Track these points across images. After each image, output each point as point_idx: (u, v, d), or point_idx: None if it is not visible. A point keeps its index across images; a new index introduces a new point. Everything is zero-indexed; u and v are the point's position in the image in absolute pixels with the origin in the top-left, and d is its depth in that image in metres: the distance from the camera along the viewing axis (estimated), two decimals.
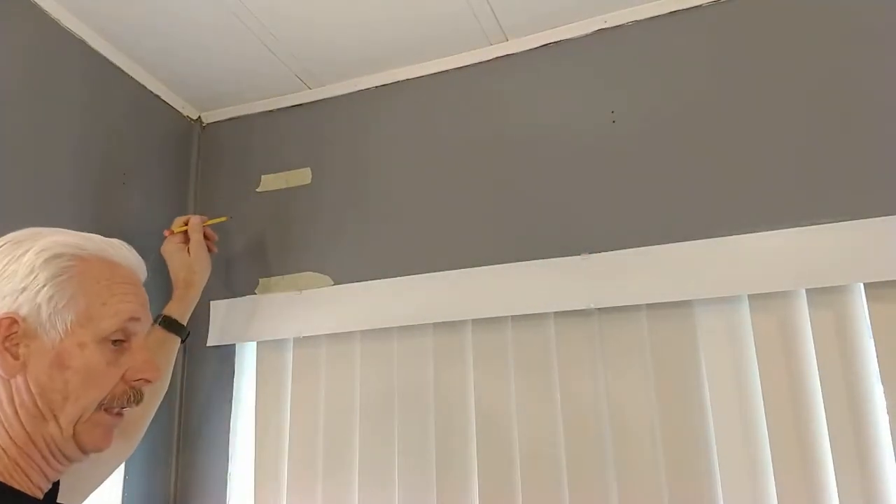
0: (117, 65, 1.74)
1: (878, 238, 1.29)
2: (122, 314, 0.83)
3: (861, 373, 1.29)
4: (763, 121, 1.46)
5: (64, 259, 0.81)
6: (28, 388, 0.78)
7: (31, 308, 0.78)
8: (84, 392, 0.79)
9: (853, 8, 1.44)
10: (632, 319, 1.47)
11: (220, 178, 1.97)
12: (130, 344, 0.85)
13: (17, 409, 0.78)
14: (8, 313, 0.77)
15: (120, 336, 0.83)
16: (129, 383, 0.84)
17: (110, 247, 0.88)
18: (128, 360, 0.84)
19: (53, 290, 0.79)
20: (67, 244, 0.83)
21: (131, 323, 0.84)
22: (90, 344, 0.80)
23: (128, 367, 0.84)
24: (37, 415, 0.78)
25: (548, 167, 1.62)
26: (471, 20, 1.65)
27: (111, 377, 0.82)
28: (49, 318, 0.78)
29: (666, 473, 1.38)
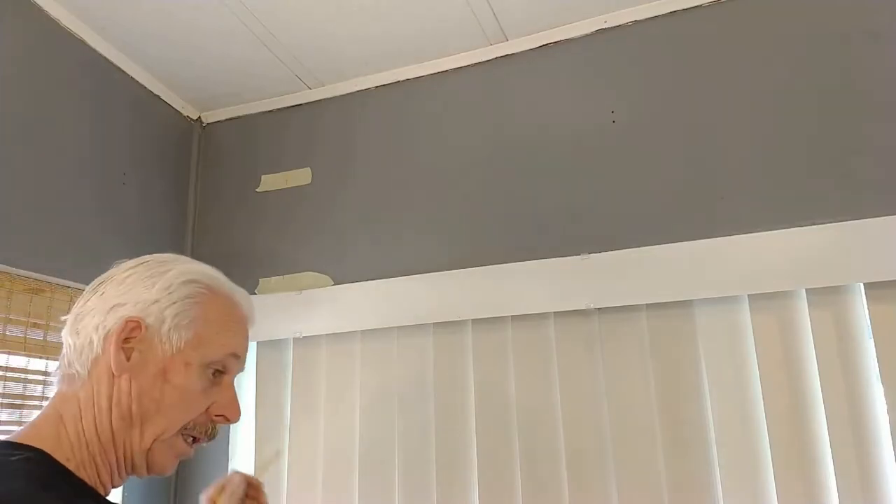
0: (117, 65, 1.74)
1: (878, 238, 1.29)
2: (228, 347, 0.87)
3: (861, 372, 1.29)
4: (763, 121, 1.46)
5: (199, 286, 0.87)
6: (129, 390, 0.82)
7: (156, 319, 0.83)
8: (175, 409, 0.83)
9: (853, 9, 1.44)
10: (632, 319, 1.47)
11: (220, 178, 1.97)
12: (223, 381, 0.88)
13: (112, 406, 0.81)
14: (135, 317, 0.82)
15: (220, 368, 0.87)
16: (210, 416, 0.87)
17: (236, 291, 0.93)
18: (217, 394, 0.87)
19: (181, 309, 0.84)
20: (205, 274, 0.89)
21: (232, 359, 0.88)
22: (195, 366, 0.84)
23: (214, 402, 0.87)
24: (127, 417, 0.82)
25: (548, 167, 1.62)
26: (471, 20, 1.65)
27: (200, 403, 0.85)
28: (168, 333, 0.83)
29: (666, 472, 1.38)
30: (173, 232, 1.90)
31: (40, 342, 1.52)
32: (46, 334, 1.53)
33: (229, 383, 0.89)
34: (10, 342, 1.45)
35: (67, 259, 1.55)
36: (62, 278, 1.54)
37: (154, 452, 0.83)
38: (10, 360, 1.50)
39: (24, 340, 1.48)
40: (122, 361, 0.81)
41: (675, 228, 1.47)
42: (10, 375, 1.49)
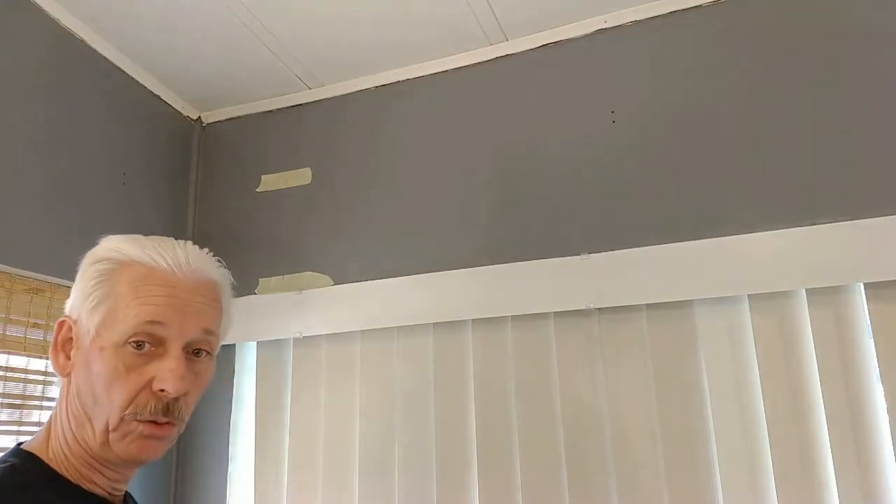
0: (118, 65, 1.74)
1: (878, 238, 1.29)
2: (140, 317, 0.78)
3: (861, 372, 1.29)
4: (763, 121, 1.46)
5: (105, 263, 0.82)
6: (73, 389, 0.81)
7: (79, 313, 0.81)
8: (105, 396, 0.78)
9: (853, 9, 1.44)
10: (631, 319, 1.47)
11: (220, 178, 1.98)
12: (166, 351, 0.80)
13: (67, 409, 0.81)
14: (66, 316, 0.82)
15: (143, 339, 0.78)
16: (153, 392, 0.79)
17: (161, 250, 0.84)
18: (156, 366, 0.79)
19: (90, 293, 0.80)
20: (114, 249, 0.84)
21: (153, 327, 0.78)
22: (109, 348, 0.78)
23: (154, 376, 0.79)
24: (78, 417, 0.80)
25: (548, 167, 1.62)
26: (471, 20, 1.65)
27: (132, 383, 0.78)
28: (85, 323, 0.80)
29: (666, 473, 1.38)
30: (173, 232, 1.90)
31: (40, 342, 1.52)
32: (46, 334, 1.53)
33: (171, 354, 0.80)
34: (10, 342, 1.45)
35: (67, 259, 1.54)
36: (62, 278, 1.54)
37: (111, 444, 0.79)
38: (10, 360, 1.50)
39: (24, 340, 1.48)
40: (63, 362, 0.81)
41: (675, 228, 1.47)
42: (10, 375, 1.49)
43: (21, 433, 1.51)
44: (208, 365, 0.87)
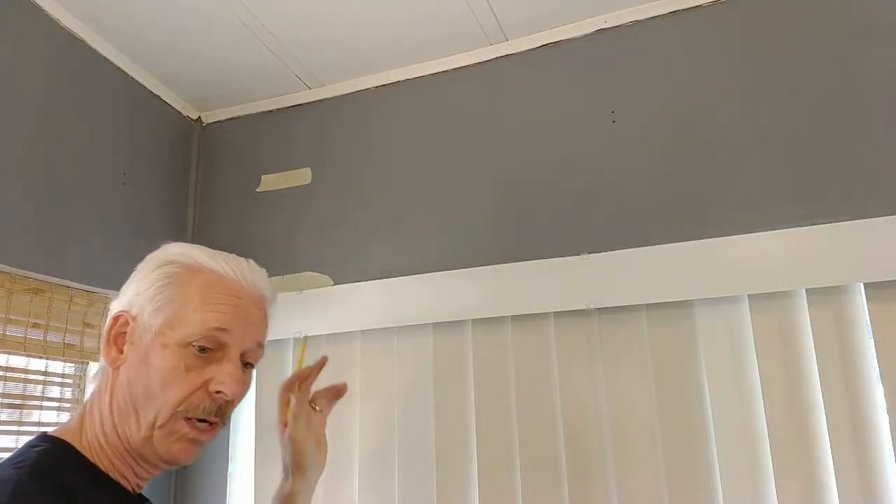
0: (117, 65, 1.74)
1: (878, 238, 1.29)
2: (207, 323, 0.83)
3: (861, 372, 1.29)
4: (763, 121, 1.46)
5: (173, 266, 0.87)
6: (122, 381, 0.83)
7: (138, 309, 0.84)
8: (160, 392, 0.81)
9: (853, 9, 1.44)
10: (631, 319, 1.47)
11: (220, 178, 1.97)
12: (224, 356, 0.85)
13: (111, 400, 0.83)
14: (122, 311, 0.85)
15: (207, 344, 0.83)
16: (209, 394, 0.83)
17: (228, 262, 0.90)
18: (213, 370, 0.84)
19: (155, 293, 0.84)
20: (182, 254, 0.88)
21: (219, 333, 0.84)
22: (172, 346, 0.82)
23: (212, 377, 0.83)
24: (122, 408, 0.82)
25: (548, 167, 1.62)
26: (471, 20, 1.65)
27: (189, 382, 0.82)
28: (147, 319, 0.83)
29: (666, 473, 1.38)
30: (173, 232, 1.90)
31: (40, 342, 1.52)
32: (46, 334, 1.53)
33: (230, 359, 0.85)
34: (9, 342, 1.45)
35: (67, 259, 1.55)
36: (62, 278, 1.54)
37: (155, 440, 0.82)
38: (10, 361, 1.50)
39: (24, 340, 1.48)
40: (114, 355, 0.84)
41: (675, 228, 1.47)
42: (9, 375, 1.49)
43: (21, 433, 1.51)
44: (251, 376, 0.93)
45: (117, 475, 0.82)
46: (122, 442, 0.82)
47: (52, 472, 0.76)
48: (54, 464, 0.78)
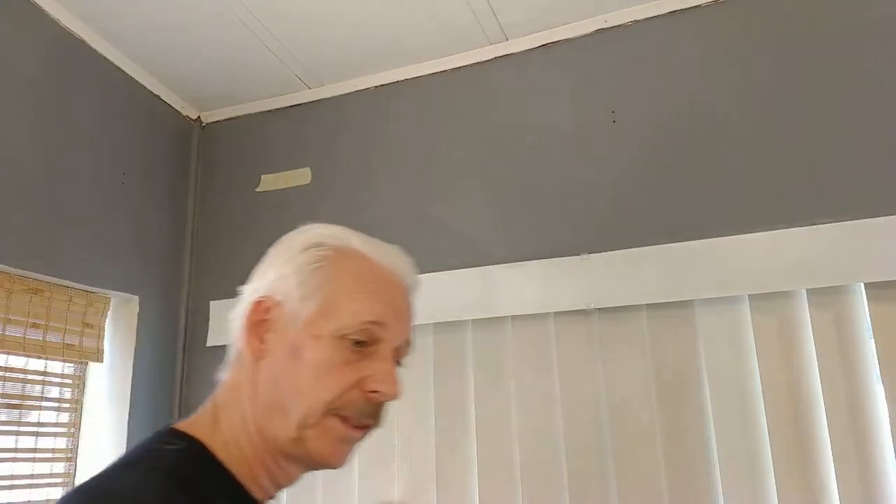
0: (117, 65, 1.74)
1: (879, 238, 1.29)
2: (364, 315, 0.75)
3: (861, 373, 1.29)
4: (763, 121, 1.46)
5: (322, 248, 0.79)
6: (266, 376, 0.75)
7: (284, 295, 0.76)
8: (313, 387, 0.72)
9: (853, 9, 1.43)
10: (631, 319, 1.47)
11: (219, 178, 1.97)
12: (377, 351, 0.76)
13: (254, 395, 0.75)
14: (264, 296, 0.77)
15: (362, 338, 0.74)
16: (364, 393, 0.75)
17: (381, 248, 0.82)
18: (368, 366, 0.75)
19: (304, 278, 0.76)
20: (332, 236, 0.80)
21: (375, 327, 0.75)
22: (326, 338, 0.73)
23: (366, 375, 0.75)
24: (268, 405, 0.74)
25: (548, 167, 1.62)
26: (471, 20, 1.64)
27: (344, 378, 0.73)
28: (295, 306, 0.75)
29: (666, 473, 1.37)
30: (173, 231, 1.90)
31: (39, 342, 1.51)
32: (45, 334, 1.53)
33: (385, 355, 0.76)
34: (8, 342, 1.45)
35: (67, 259, 1.55)
36: (61, 278, 1.54)
37: (306, 441, 0.73)
38: (9, 361, 1.50)
39: (23, 340, 1.48)
40: (256, 345, 0.75)
41: (675, 228, 1.47)
42: (8, 375, 1.49)
43: (21, 433, 1.51)
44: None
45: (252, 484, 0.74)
46: (266, 440, 0.73)
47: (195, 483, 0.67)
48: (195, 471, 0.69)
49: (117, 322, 1.72)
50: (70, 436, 1.63)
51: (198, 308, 1.85)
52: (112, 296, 1.70)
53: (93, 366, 1.69)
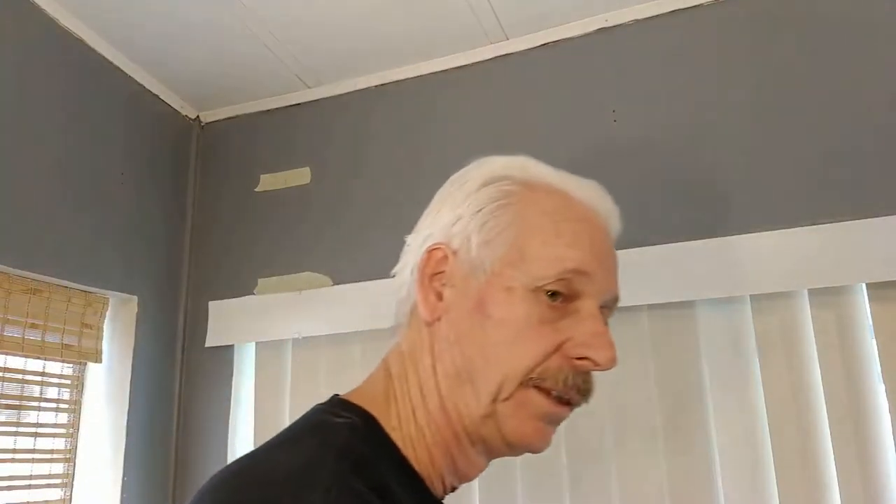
0: (116, 64, 1.74)
1: (880, 238, 1.29)
2: (565, 262, 0.62)
3: (863, 373, 1.29)
4: (763, 121, 1.46)
5: (507, 182, 0.66)
6: (448, 336, 0.62)
7: (462, 241, 0.63)
8: (506, 352, 0.60)
9: (853, 9, 1.43)
10: (632, 319, 1.46)
11: (219, 178, 1.97)
12: (578, 309, 0.63)
13: (435, 362, 0.63)
14: (438, 244, 0.65)
15: (561, 289, 0.62)
16: (568, 360, 0.62)
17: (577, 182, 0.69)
18: (571, 326, 0.62)
19: (486, 218, 0.63)
20: (519, 167, 0.68)
21: (577, 277, 0.62)
22: (519, 290, 0.61)
23: (569, 337, 0.62)
24: (452, 374, 0.61)
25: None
26: (471, 19, 1.64)
27: (544, 340, 0.61)
28: (478, 254, 0.62)
29: (667, 473, 1.37)
30: (171, 231, 1.89)
31: (38, 343, 1.51)
32: (44, 335, 1.52)
33: (592, 312, 0.64)
34: (7, 343, 1.44)
35: (65, 259, 1.54)
36: (60, 278, 1.53)
37: (500, 418, 0.61)
38: (8, 361, 1.49)
39: (22, 341, 1.48)
40: (433, 303, 0.63)
41: (676, 228, 1.46)
42: (7, 376, 1.49)
43: (19, 434, 1.50)
44: None
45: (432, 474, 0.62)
46: (451, 420, 0.62)
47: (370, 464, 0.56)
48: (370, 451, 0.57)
49: (116, 322, 1.72)
50: (69, 436, 1.62)
51: (197, 308, 1.85)
52: (111, 296, 1.70)
53: (91, 366, 1.68)
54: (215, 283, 1.85)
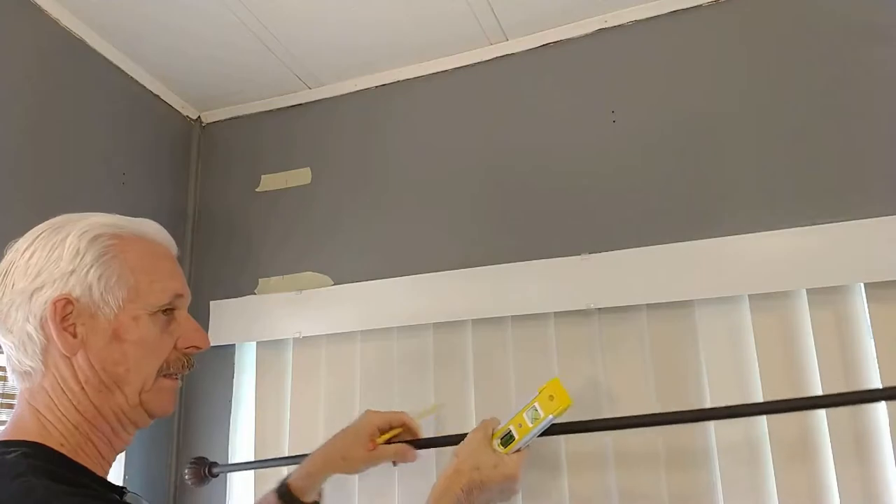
0: (117, 64, 1.74)
1: (879, 238, 1.29)
2: (170, 291, 0.88)
3: (862, 373, 1.29)
4: (763, 120, 1.46)
5: (105, 238, 0.85)
6: (90, 364, 0.82)
7: (82, 288, 0.82)
8: (144, 362, 0.84)
9: (854, 9, 1.43)
10: (632, 319, 1.47)
11: (219, 178, 1.97)
12: (177, 316, 0.90)
13: (83, 385, 0.81)
14: (61, 295, 0.81)
15: (170, 306, 0.88)
16: (181, 351, 0.90)
17: (143, 225, 0.92)
18: (177, 329, 0.89)
19: (102, 270, 0.83)
20: (105, 224, 0.87)
21: (178, 298, 0.90)
22: (144, 317, 0.84)
23: (179, 336, 0.89)
24: (102, 388, 0.82)
25: (548, 167, 1.62)
26: (471, 20, 1.65)
27: (165, 345, 0.87)
28: (102, 296, 0.82)
29: (666, 474, 1.37)
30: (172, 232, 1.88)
31: None
32: None
33: (185, 316, 0.92)
34: None
35: None
36: None
37: (148, 403, 0.86)
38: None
39: None
40: (70, 341, 0.81)
41: (675, 228, 1.47)
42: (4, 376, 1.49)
43: None
44: None
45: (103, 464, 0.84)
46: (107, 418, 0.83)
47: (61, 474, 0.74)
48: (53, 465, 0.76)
49: None
50: None
51: (197, 308, 1.85)
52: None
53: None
54: (216, 282, 1.86)
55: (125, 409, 0.84)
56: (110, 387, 0.82)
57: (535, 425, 1.21)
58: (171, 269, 0.91)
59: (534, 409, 1.22)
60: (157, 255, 0.91)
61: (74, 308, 0.81)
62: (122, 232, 0.88)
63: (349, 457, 1.32)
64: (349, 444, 1.32)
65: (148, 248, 0.90)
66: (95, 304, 0.82)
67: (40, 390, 0.82)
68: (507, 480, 1.16)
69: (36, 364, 0.82)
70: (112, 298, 0.83)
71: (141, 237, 0.90)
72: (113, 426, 0.84)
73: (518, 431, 1.22)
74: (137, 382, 0.84)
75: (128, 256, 0.86)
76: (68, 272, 0.82)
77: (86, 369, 0.81)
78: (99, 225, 0.87)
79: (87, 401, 0.82)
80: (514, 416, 1.24)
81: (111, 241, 0.85)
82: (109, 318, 0.82)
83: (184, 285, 0.92)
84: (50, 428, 0.80)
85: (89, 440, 0.82)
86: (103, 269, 0.83)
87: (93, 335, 0.82)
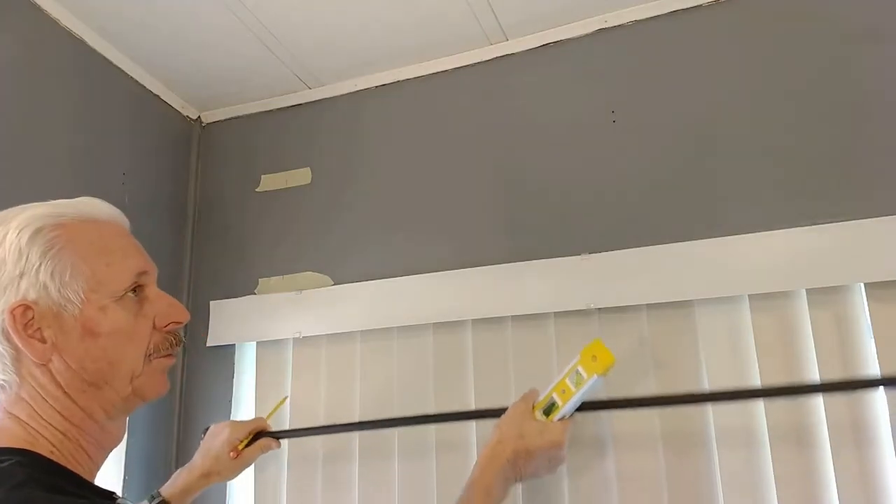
0: (116, 64, 1.74)
1: (879, 238, 1.29)
2: (131, 270, 0.81)
3: (861, 372, 1.29)
4: (763, 120, 1.46)
5: (47, 230, 0.77)
6: (68, 366, 0.76)
7: (37, 290, 0.75)
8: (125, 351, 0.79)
9: (853, 9, 1.43)
10: (632, 319, 1.47)
11: (219, 178, 1.97)
12: (148, 293, 0.84)
13: (65, 389, 0.77)
14: (17, 302, 0.74)
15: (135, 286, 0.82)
16: (162, 331, 0.84)
17: (86, 206, 0.84)
18: (151, 308, 0.83)
19: (52, 265, 0.76)
20: (44, 215, 0.79)
21: (142, 276, 0.83)
22: (110, 305, 0.78)
23: (154, 315, 0.83)
24: (87, 388, 0.77)
25: (548, 167, 1.62)
26: (471, 20, 1.65)
27: (143, 329, 0.81)
28: (60, 293, 0.76)
29: (666, 473, 1.37)
30: (172, 231, 1.90)
31: None
32: None
33: (156, 293, 0.85)
34: None
35: None
36: None
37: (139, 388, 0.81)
38: None
39: None
40: (39, 347, 0.75)
41: (675, 228, 1.47)
42: None
43: None
44: None
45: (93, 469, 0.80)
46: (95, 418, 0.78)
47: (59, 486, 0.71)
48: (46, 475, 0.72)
49: None
50: None
51: (197, 308, 1.85)
52: None
53: None
54: (216, 282, 1.86)
55: (116, 402, 0.80)
56: (96, 385, 0.77)
57: (580, 388, 1.17)
58: (125, 247, 0.83)
59: (576, 372, 1.18)
60: (109, 235, 0.82)
61: (35, 312, 0.75)
62: (64, 219, 0.79)
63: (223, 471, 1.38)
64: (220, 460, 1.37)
65: (96, 230, 0.81)
66: (56, 304, 0.75)
67: (19, 401, 0.77)
68: (553, 447, 1.11)
69: (9, 377, 0.76)
70: (72, 293, 0.76)
71: (86, 219, 0.81)
72: (102, 424, 0.79)
73: (561, 398, 1.18)
74: (125, 374, 0.79)
75: (77, 244, 0.78)
76: (17, 276, 0.75)
77: (64, 373, 0.76)
78: (37, 217, 0.78)
79: (73, 404, 0.77)
80: (556, 383, 1.20)
81: (54, 231, 0.77)
82: (75, 314, 0.76)
83: (146, 260, 0.85)
84: (37, 436, 0.75)
85: (79, 446, 0.78)
86: (54, 265, 0.75)
87: (62, 336, 0.76)
